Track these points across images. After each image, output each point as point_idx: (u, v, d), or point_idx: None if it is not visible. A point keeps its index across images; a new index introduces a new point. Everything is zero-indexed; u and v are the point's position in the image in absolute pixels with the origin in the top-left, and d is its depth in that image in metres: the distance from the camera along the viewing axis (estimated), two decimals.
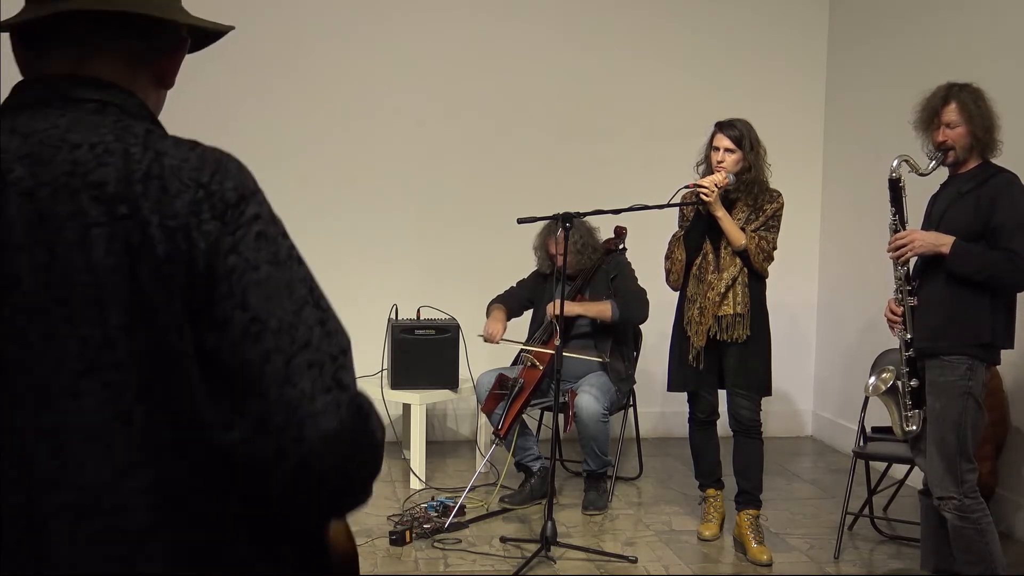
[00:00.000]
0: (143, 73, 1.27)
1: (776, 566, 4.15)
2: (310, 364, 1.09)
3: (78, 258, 1.07)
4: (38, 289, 1.07)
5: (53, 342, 1.07)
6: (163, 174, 1.11)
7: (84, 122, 1.15)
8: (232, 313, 1.08)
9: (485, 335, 4.97)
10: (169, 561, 1.06)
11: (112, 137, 1.13)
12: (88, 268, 1.07)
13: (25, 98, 1.18)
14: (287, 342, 1.09)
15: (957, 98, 3.36)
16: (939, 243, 3.34)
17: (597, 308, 4.85)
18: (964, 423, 3.33)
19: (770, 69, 6.30)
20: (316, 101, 5.98)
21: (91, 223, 1.08)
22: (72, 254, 1.07)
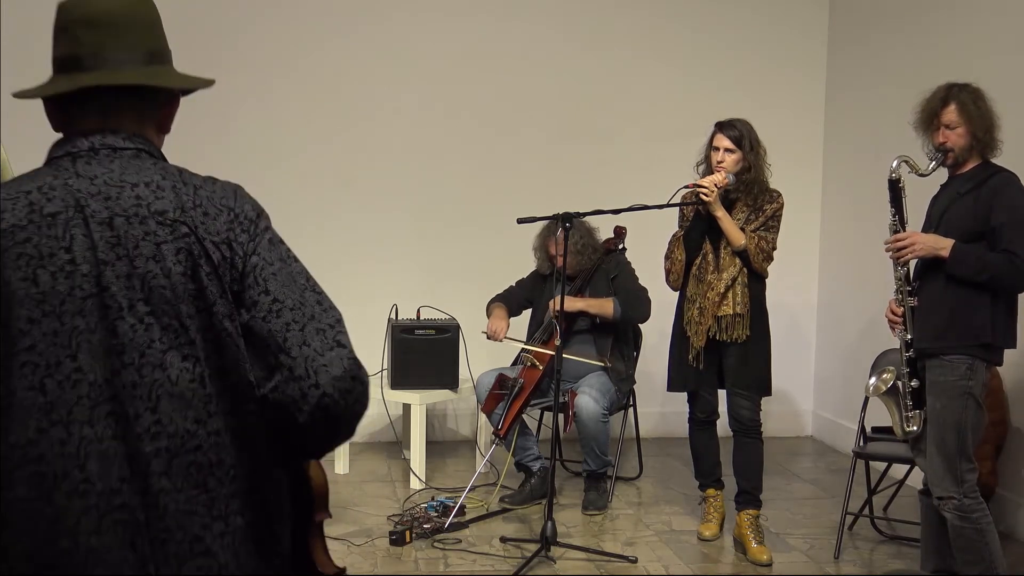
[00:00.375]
0: (149, 124, 1.65)
1: (776, 566, 4.15)
2: (317, 331, 1.53)
3: (154, 267, 1.49)
4: (124, 292, 1.48)
5: (141, 330, 1.48)
6: (203, 203, 1.55)
7: (131, 166, 1.56)
8: (259, 297, 1.52)
9: (489, 332, 4.97)
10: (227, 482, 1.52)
11: (160, 176, 1.56)
12: (163, 274, 1.49)
13: (77, 149, 1.56)
14: (300, 316, 1.52)
15: (956, 99, 3.36)
16: (939, 246, 3.34)
17: (599, 305, 4.84)
18: (964, 423, 3.33)
19: (770, 69, 6.30)
20: (316, 101, 5.98)
21: (160, 241, 1.50)
22: (149, 264, 1.49)
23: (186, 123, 6.45)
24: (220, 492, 1.52)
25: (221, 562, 1.52)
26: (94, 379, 1.47)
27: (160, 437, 1.48)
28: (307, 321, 1.53)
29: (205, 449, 1.51)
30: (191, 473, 1.50)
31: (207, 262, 1.51)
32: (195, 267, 1.51)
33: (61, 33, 1.60)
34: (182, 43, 6.41)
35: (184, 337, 1.50)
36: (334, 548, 4.21)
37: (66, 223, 1.49)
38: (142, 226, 1.51)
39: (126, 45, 1.61)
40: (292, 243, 1.62)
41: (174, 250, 1.51)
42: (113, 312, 1.48)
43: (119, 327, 1.48)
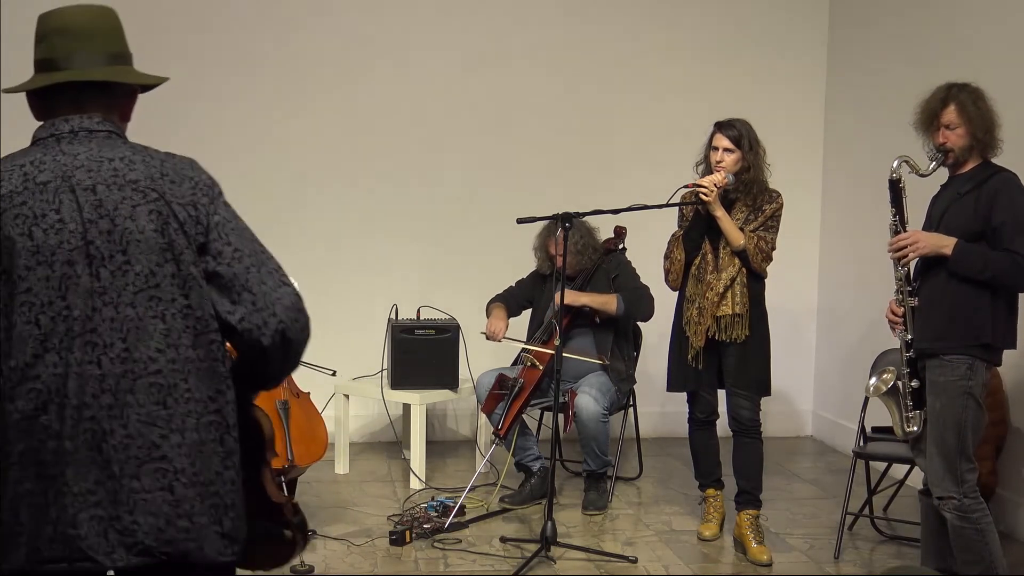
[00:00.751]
0: (115, 113, 2.00)
1: (776, 566, 4.15)
2: (270, 272, 1.93)
3: (131, 225, 1.85)
4: (106, 245, 1.84)
5: (118, 276, 1.83)
6: (168, 173, 1.91)
7: (106, 144, 1.91)
8: (223, 247, 1.90)
9: (488, 333, 4.97)
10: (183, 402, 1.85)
11: (130, 153, 1.92)
12: (138, 230, 1.85)
13: (59, 131, 1.92)
14: (255, 261, 1.92)
15: (956, 99, 3.36)
16: (942, 244, 3.34)
17: (603, 300, 4.84)
18: (964, 423, 3.33)
19: (770, 69, 6.30)
20: (316, 101, 5.98)
21: (135, 204, 1.86)
22: (126, 223, 1.85)
23: (190, 123, 6.46)
24: (177, 410, 1.85)
25: (176, 468, 1.84)
26: (79, 315, 1.82)
27: (128, 362, 1.83)
28: (260, 265, 1.93)
29: (165, 374, 1.84)
30: (152, 392, 1.83)
31: (174, 220, 1.87)
32: (164, 224, 1.86)
33: (40, 40, 1.99)
34: (182, 43, 6.43)
35: (153, 281, 1.85)
36: (334, 548, 4.22)
37: (56, 190, 1.85)
38: (120, 192, 1.86)
39: (92, 49, 1.96)
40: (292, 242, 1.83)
41: (146, 211, 1.86)
42: (96, 261, 1.83)
43: (101, 273, 1.83)
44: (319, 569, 3.98)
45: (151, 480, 1.82)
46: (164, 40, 5.81)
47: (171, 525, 1.83)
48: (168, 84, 2.09)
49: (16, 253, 1.81)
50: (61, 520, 1.80)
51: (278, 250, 1.96)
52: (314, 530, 4.37)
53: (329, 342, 5.43)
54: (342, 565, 4.07)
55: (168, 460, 1.83)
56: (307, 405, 4.32)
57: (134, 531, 1.81)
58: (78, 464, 1.80)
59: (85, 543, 1.80)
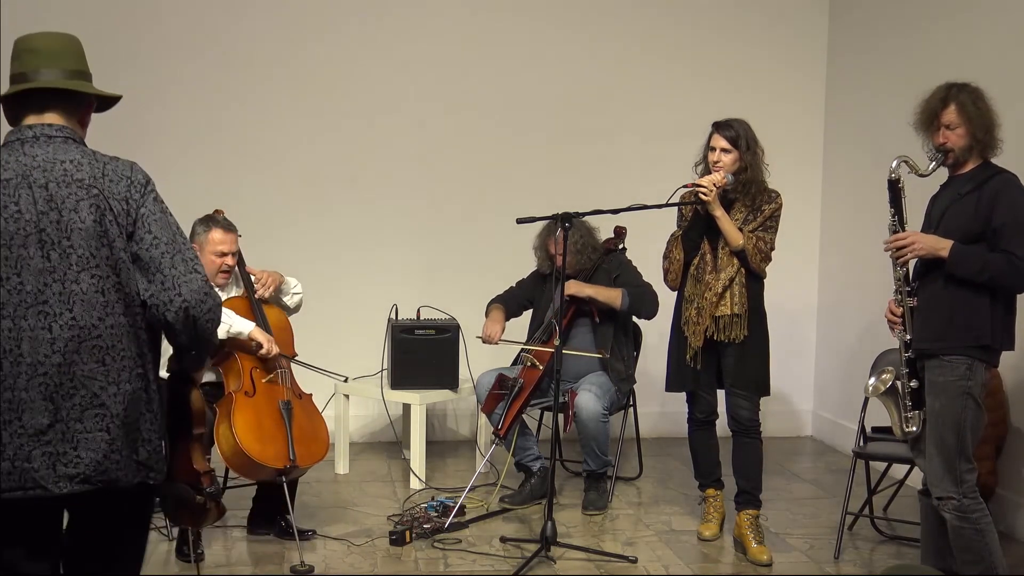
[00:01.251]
0: (73, 119, 2.40)
1: (776, 566, 4.15)
2: (184, 260, 2.33)
3: (75, 216, 2.26)
4: (55, 233, 2.25)
5: (65, 257, 2.26)
6: (108, 174, 2.32)
7: (60, 148, 2.32)
8: (144, 235, 2.31)
9: (483, 336, 4.97)
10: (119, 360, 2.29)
11: (79, 156, 2.32)
12: (80, 220, 2.26)
13: (24, 136, 2.33)
14: (171, 249, 2.32)
15: (956, 99, 3.36)
16: (939, 246, 3.34)
17: (608, 293, 4.83)
18: (963, 423, 3.33)
19: (770, 69, 6.30)
20: (316, 101, 5.98)
21: (79, 199, 2.28)
22: (71, 215, 2.26)
23: (192, 123, 6.44)
24: (114, 366, 2.29)
25: (112, 413, 2.29)
26: (31, 289, 2.24)
27: (74, 328, 2.26)
28: (175, 253, 2.32)
29: (104, 337, 2.28)
30: (94, 352, 2.27)
31: (110, 212, 2.29)
32: (102, 216, 2.28)
33: (14, 59, 2.39)
34: (185, 47, 6.42)
35: (93, 262, 2.27)
36: (334, 548, 4.22)
37: (16, 186, 2.27)
38: (67, 189, 2.28)
39: (55, 65, 2.37)
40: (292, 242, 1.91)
41: (88, 205, 2.28)
42: (47, 245, 2.26)
43: (51, 255, 2.26)
44: (319, 569, 3.99)
45: (92, 423, 2.27)
46: (167, 43, 5.83)
47: (107, 459, 2.28)
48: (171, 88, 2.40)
49: None
50: (18, 456, 2.23)
51: (279, 250, 2.01)
52: (314, 530, 4.38)
53: (329, 342, 5.47)
54: (342, 565, 4.07)
55: (106, 407, 2.28)
56: (309, 406, 4.33)
57: (77, 464, 2.26)
58: (32, 411, 2.23)
59: (38, 475, 2.24)
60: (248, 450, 3.95)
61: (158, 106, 5.74)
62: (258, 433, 4.02)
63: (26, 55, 2.37)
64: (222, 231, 4.27)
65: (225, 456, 4.01)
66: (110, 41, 5.77)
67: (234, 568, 4.05)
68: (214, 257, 4.27)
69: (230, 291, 4.40)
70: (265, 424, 4.07)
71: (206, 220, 4.32)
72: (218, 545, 4.27)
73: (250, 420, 4.04)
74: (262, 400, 4.14)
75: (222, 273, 4.31)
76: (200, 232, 4.29)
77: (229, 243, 4.28)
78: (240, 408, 4.05)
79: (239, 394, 4.10)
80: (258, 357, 4.19)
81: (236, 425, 3.98)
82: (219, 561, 4.10)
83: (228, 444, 3.97)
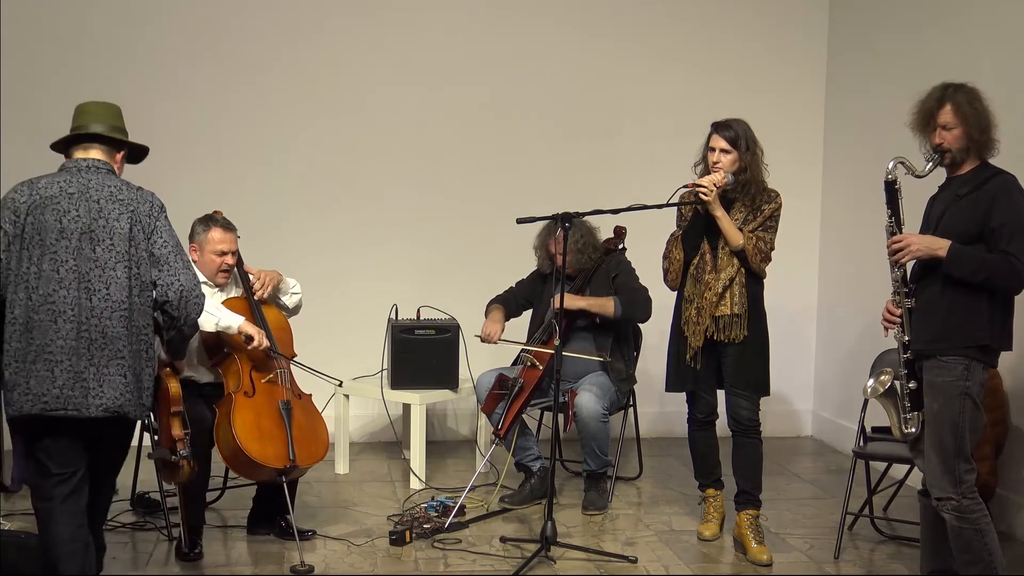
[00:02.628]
0: (111, 159, 3.34)
1: (776, 566, 4.15)
2: (183, 261, 3.27)
3: (115, 223, 3.19)
4: (102, 233, 3.18)
5: (106, 251, 3.17)
6: (138, 198, 3.27)
7: (106, 177, 3.27)
8: (158, 240, 3.25)
9: (483, 336, 4.97)
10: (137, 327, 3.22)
11: (120, 183, 3.28)
12: (119, 227, 3.20)
13: (80, 166, 3.28)
14: (176, 251, 3.27)
15: (952, 100, 3.35)
16: (935, 247, 3.34)
17: (600, 303, 4.85)
18: (962, 424, 3.33)
19: (770, 69, 6.30)
20: (315, 101, 5.99)
21: (119, 213, 3.22)
22: (113, 223, 3.19)
23: (192, 124, 6.43)
24: (132, 331, 3.20)
25: (128, 365, 3.19)
26: (80, 272, 3.15)
27: (107, 300, 3.16)
28: (178, 255, 3.27)
29: (129, 309, 3.19)
30: (121, 319, 3.17)
31: (137, 223, 3.22)
32: (132, 226, 3.21)
33: (74, 118, 3.37)
34: (187, 48, 6.42)
35: (124, 257, 3.19)
36: (334, 548, 4.23)
37: (77, 199, 3.19)
38: (112, 205, 3.21)
39: (100, 121, 3.36)
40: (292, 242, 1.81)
41: (125, 218, 3.21)
42: (95, 242, 3.17)
43: (96, 249, 3.17)
44: (319, 569, 3.99)
45: (115, 370, 3.17)
46: (167, 43, 5.83)
47: (122, 396, 3.18)
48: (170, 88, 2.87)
49: (49, 230, 3.15)
50: (64, 386, 3.11)
51: (279, 250, 2.02)
52: (314, 530, 4.38)
53: (329, 342, 5.47)
54: (342, 565, 4.07)
55: (125, 359, 3.19)
56: (309, 406, 4.33)
57: (102, 397, 3.15)
58: (77, 356, 3.12)
59: (77, 401, 3.12)
60: (248, 450, 3.95)
61: (158, 106, 5.74)
62: (258, 433, 4.02)
63: (82, 115, 3.37)
64: (221, 230, 4.29)
65: (225, 456, 4.01)
66: (110, 42, 5.78)
67: (234, 568, 4.05)
68: (214, 256, 4.27)
69: (230, 291, 4.40)
70: (265, 424, 4.07)
71: (205, 220, 4.34)
72: (218, 545, 4.27)
73: (250, 420, 4.04)
74: (261, 400, 4.14)
75: (222, 272, 4.32)
76: (200, 232, 4.30)
77: (228, 242, 4.30)
78: (240, 408, 4.05)
79: (238, 395, 4.10)
80: (255, 356, 4.19)
81: (236, 425, 3.98)
82: (219, 561, 4.10)
83: (228, 444, 3.97)
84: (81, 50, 5.73)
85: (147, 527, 4.44)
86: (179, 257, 3.24)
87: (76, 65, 5.68)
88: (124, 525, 4.43)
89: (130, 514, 4.58)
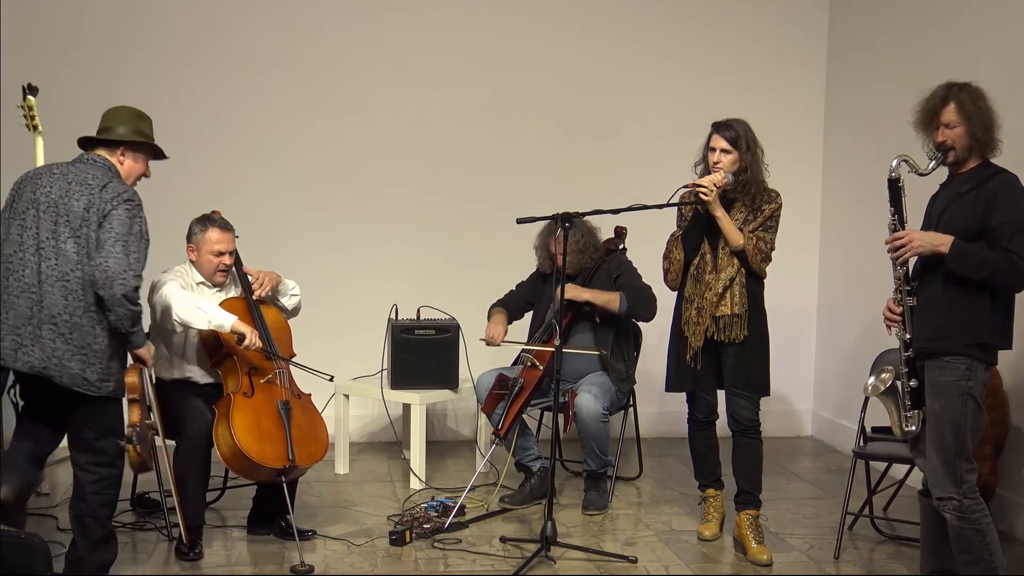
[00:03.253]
0: (113, 157, 3.69)
1: (776, 566, 4.15)
2: (125, 249, 3.46)
3: (74, 203, 3.49)
4: (63, 210, 3.48)
5: (63, 227, 3.47)
6: (109, 188, 3.54)
7: (90, 168, 3.62)
8: (106, 224, 3.47)
9: (487, 339, 4.97)
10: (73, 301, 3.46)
11: (101, 174, 3.60)
12: (77, 207, 3.49)
13: (82, 159, 3.66)
14: (120, 240, 3.46)
15: (956, 98, 3.35)
16: (938, 243, 3.34)
17: (606, 297, 4.84)
18: (963, 423, 3.33)
19: (770, 68, 6.31)
20: (315, 101, 5.99)
21: (81, 195, 3.51)
22: (73, 202, 3.49)
23: (193, 124, 6.44)
24: (71, 302, 3.43)
25: (63, 332, 3.42)
26: (39, 240, 3.45)
27: (54, 269, 3.44)
28: (118, 243, 3.44)
29: (70, 282, 3.44)
30: (61, 289, 3.43)
31: (93, 206, 3.47)
32: (88, 208, 3.46)
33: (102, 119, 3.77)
34: (188, 48, 6.42)
35: (77, 233, 3.45)
36: (334, 548, 4.22)
37: (58, 178, 3.53)
38: (79, 187, 3.50)
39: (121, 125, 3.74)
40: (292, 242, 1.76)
41: (85, 200, 3.48)
42: (57, 216, 3.46)
43: (58, 222, 3.46)
44: (319, 569, 3.99)
45: (47, 334, 3.42)
46: (171, 46, 5.83)
47: (48, 360, 3.42)
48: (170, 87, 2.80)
49: (26, 200, 3.51)
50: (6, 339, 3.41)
51: (279, 250, 2.00)
52: (314, 530, 4.38)
53: (329, 342, 5.47)
54: (342, 565, 4.07)
55: (58, 327, 3.43)
56: (308, 406, 4.33)
57: (30, 355, 3.42)
58: (19, 314, 3.42)
59: (7, 352, 3.42)
60: (247, 451, 3.95)
61: (158, 106, 5.71)
62: (257, 434, 4.02)
63: (106, 119, 3.77)
64: (219, 230, 4.29)
65: (224, 457, 4.01)
66: (110, 42, 5.78)
67: (234, 568, 4.04)
68: (211, 256, 4.28)
69: (229, 292, 4.40)
70: (264, 425, 4.07)
71: (203, 220, 4.34)
72: (218, 545, 4.27)
73: (249, 421, 4.03)
74: (260, 400, 4.14)
75: (220, 272, 4.32)
76: (197, 232, 4.30)
77: (226, 242, 4.30)
78: (239, 409, 4.05)
79: (237, 395, 4.10)
80: (252, 356, 4.19)
81: (235, 426, 3.97)
82: (219, 561, 4.10)
83: (227, 445, 3.97)
84: (81, 50, 5.74)
85: (147, 527, 4.44)
86: (120, 244, 3.41)
87: (76, 65, 5.68)
88: (124, 525, 4.43)
89: (130, 514, 4.58)
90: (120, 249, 3.40)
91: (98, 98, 3.94)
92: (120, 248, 3.40)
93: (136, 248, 3.45)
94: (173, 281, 4.20)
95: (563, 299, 4.34)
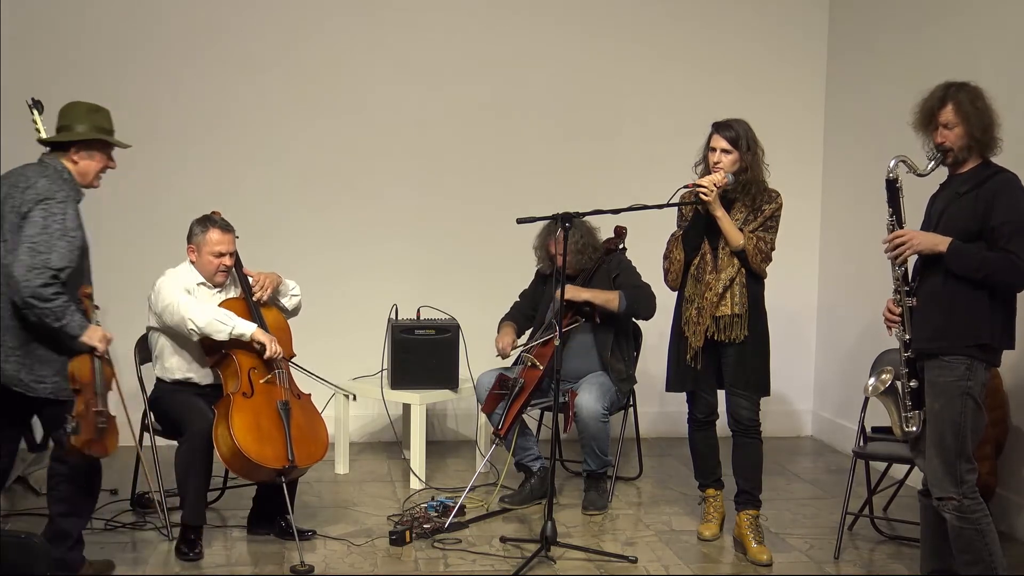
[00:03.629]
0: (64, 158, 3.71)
1: (776, 566, 4.15)
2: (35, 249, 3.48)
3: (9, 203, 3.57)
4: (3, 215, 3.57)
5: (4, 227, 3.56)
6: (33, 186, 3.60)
7: (35, 167, 3.69)
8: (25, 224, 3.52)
9: (498, 351, 4.98)
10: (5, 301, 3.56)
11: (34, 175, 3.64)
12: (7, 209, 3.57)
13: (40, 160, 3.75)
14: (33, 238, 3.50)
15: (954, 99, 3.35)
16: (936, 242, 3.34)
17: (605, 296, 4.84)
18: (963, 424, 3.33)
19: (770, 68, 6.30)
20: (315, 101, 5.98)
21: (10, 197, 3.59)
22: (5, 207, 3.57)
23: (185, 122, 6.44)
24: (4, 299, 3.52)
25: (4, 325, 3.52)
26: None
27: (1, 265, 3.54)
28: (25, 243, 3.47)
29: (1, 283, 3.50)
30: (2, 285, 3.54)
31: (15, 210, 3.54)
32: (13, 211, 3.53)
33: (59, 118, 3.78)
34: (188, 48, 6.42)
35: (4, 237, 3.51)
36: (334, 548, 4.22)
37: (6, 181, 3.62)
38: (13, 189, 3.58)
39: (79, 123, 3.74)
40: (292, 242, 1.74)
41: (12, 203, 3.55)
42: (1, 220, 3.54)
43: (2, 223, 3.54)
44: (319, 569, 3.99)
45: None
46: (171, 46, 5.83)
47: None
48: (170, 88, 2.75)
49: None
50: None
51: (279, 250, 2.00)
52: (314, 530, 4.38)
53: (329, 342, 5.47)
54: (342, 565, 4.07)
55: None
56: (308, 406, 4.32)
57: None
58: None
59: None
60: (246, 451, 3.95)
61: (158, 106, 5.75)
62: (256, 434, 4.02)
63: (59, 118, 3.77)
64: (219, 231, 4.29)
65: (224, 457, 4.01)
66: (110, 42, 5.78)
67: (234, 568, 4.04)
68: (212, 257, 4.28)
69: (229, 292, 4.40)
70: (263, 425, 4.07)
71: (203, 221, 4.33)
72: (218, 545, 4.27)
73: (248, 421, 4.03)
74: (260, 401, 4.13)
75: (220, 273, 4.32)
76: (198, 233, 4.30)
77: (226, 243, 4.30)
78: (238, 409, 4.05)
79: (237, 395, 4.10)
80: (257, 358, 4.19)
81: (234, 426, 3.97)
82: (219, 561, 4.10)
83: (227, 445, 3.97)
84: (81, 50, 5.73)
85: (147, 527, 4.44)
86: (28, 246, 3.46)
87: (76, 65, 5.68)
88: (124, 525, 4.43)
89: (130, 514, 4.57)
90: (26, 251, 3.45)
91: (98, 98, 3.92)
92: (26, 250, 3.45)
93: (47, 248, 3.47)
94: (179, 291, 4.20)
95: (563, 299, 4.34)
